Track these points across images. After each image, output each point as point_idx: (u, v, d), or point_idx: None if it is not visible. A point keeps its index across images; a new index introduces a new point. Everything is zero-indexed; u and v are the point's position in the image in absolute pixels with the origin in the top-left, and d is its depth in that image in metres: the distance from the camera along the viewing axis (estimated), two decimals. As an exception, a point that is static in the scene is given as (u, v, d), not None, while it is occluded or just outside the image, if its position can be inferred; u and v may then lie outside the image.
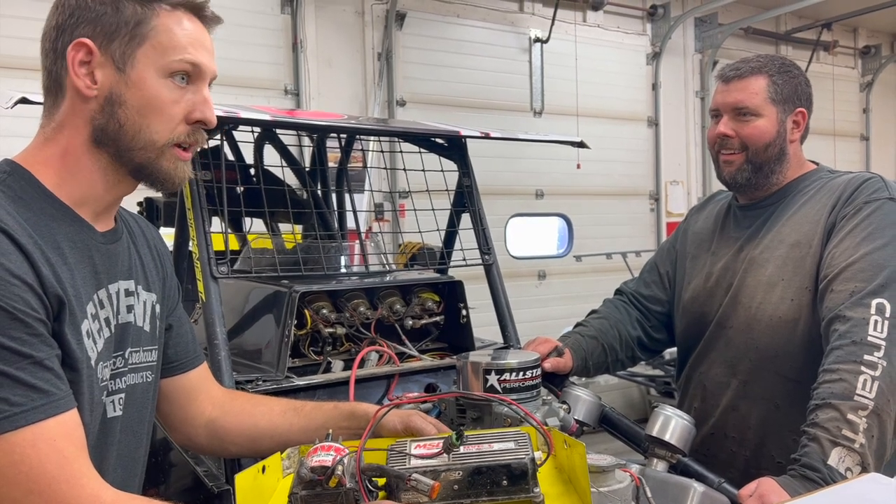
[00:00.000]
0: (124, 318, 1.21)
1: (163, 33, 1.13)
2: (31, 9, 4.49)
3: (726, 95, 1.88)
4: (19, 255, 1.01)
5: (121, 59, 1.12)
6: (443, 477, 1.09)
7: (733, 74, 1.88)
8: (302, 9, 5.87)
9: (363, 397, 1.79)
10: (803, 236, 1.80)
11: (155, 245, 1.38)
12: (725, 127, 1.87)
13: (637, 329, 2.12)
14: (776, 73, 1.85)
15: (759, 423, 1.84)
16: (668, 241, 2.25)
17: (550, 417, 1.56)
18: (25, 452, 0.97)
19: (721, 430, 1.90)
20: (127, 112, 1.13)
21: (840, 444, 1.47)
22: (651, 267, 2.22)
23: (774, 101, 1.85)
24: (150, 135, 1.14)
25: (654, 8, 7.84)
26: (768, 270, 1.83)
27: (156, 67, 1.13)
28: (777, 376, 1.80)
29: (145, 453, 1.34)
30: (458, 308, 2.10)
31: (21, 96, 1.46)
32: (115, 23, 1.11)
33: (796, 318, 1.77)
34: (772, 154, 1.86)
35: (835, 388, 1.52)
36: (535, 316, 6.20)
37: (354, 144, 2.65)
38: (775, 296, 1.81)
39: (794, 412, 1.73)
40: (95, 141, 1.14)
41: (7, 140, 1.15)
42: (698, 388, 1.98)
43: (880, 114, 9.75)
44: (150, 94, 1.13)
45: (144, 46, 1.12)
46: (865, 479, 1.09)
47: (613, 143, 7.38)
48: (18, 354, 0.98)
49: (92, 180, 1.15)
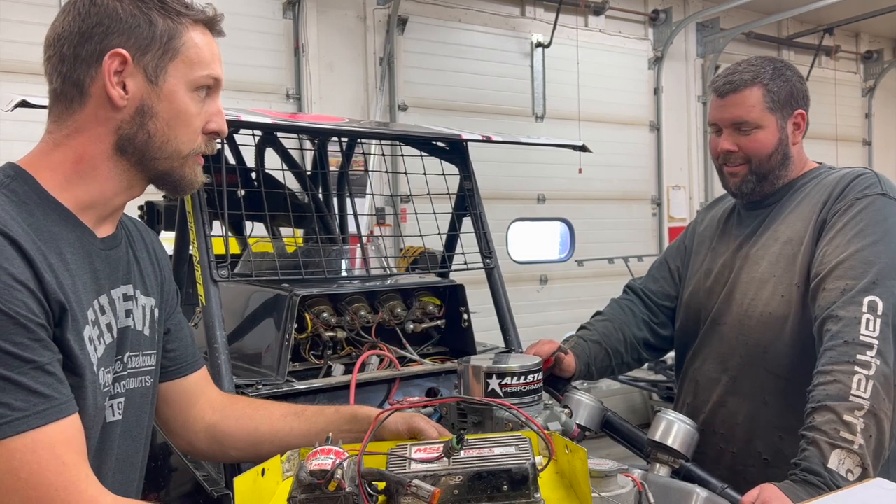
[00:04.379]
0: (123, 322, 1.21)
1: (191, 48, 1.17)
2: (30, 13, 4.51)
3: (724, 111, 1.87)
4: (22, 261, 1.01)
5: (153, 72, 1.14)
6: (443, 481, 1.08)
7: (728, 89, 1.86)
8: (304, 13, 5.88)
9: (364, 401, 1.78)
10: (795, 233, 1.80)
11: (153, 249, 1.38)
12: (727, 143, 1.87)
13: (643, 330, 2.11)
14: (770, 80, 1.84)
15: (746, 420, 1.83)
16: (679, 238, 2.25)
17: (552, 422, 1.55)
18: (25, 459, 0.96)
19: (710, 427, 1.89)
20: (157, 123, 1.16)
21: (839, 446, 1.45)
22: (661, 263, 2.22)
23: (772, 110, 1.84)
24: (177, 145, 1.18)
25: (655, 13, 7.85)
26: (761, 267, 1.84)
27: (185, 81, 1.17)
28: (766, 373, 1.80)
29: (144, 458, 1.33)
30: (460, 312, 2.09)
31: (21, 99, 1.46)
32: (149, 36, 1.13)
33: (786, 315, 1.76)
34: (775, 162, 1.86)
35: (830, 389, 1.51)
36: (536, 321, 6.19)
37: (356, 148, 2.64)
38: (766, 292, 1.81)
39: (782, 409, 1.75)
40: (120, 149, 1.15)
41: (7, 144, 1.15)
42: (691, 384, 1.99)
43: (882, 118, 9.75)
44: (179, 106, 1.17)
45: (176, 61, 1.16)
46: (870, 485, 1.08)
47: (615, 148, 7.38)
48: (20, 359, 0.98)
49: (104, 186, 1.16)
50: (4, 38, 4.71)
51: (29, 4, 4.59)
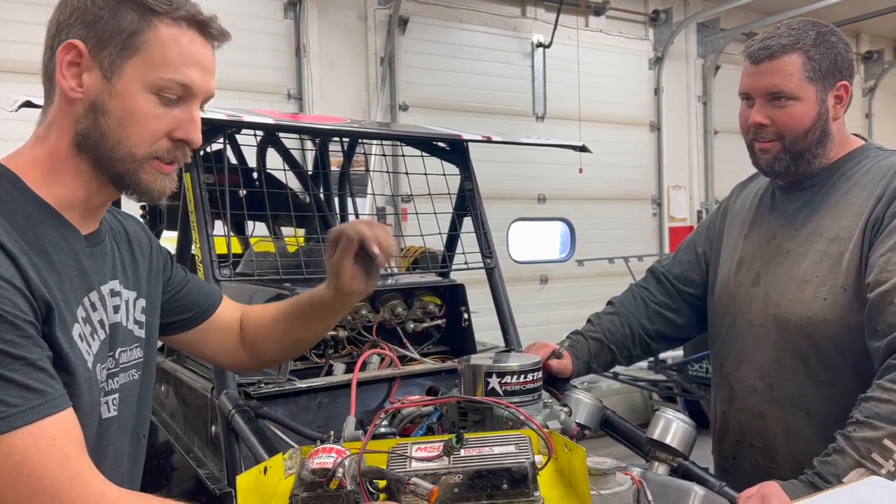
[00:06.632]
0: (112, 318, 1.22)
1: (156, 48, 1.11)
2: (31, 13, 4.52)
3: (757, 79, 1.66)
4: (6, 259, 1.01)
5: (109, 68, 1.10)
6: (443, 480, 1.09)
7: (763, 54, 1.65)
8: (305, 13, 5.89)
9: (365, 400, 1.79)
10: (843, 230, 1.62)
11: (134, 234, 1.36)
12: (759, 115, 1.67)
13: (655, 322, 2.00)
14: (812, 47, 1.63)
15: (785, 432, 1.70)
16: (709, 217, 2.07)
17: (551, 420, 1.56)
18: (27, 452, 0.96)
19: (746, 438, 1.79)
20: (108, 121, 1.11)
21: (865, 465, 1.39)
22: (688, 245, 2.05)
23: (812, 80, 1.63)
24: (130, 147, 1.12)
25: (656, 13, 7.86)
26: (803, 265, 1.67)
27: (142, 81, 1.10)
28: (808, 380, 1.66)
29: (142, 453, 1.34)
30: (460, 311, 2.10)
31: (25, 100, 1.47)
32: (109, 30, 1.10)
33: (829, 319, 1.61)
34: (812, 139, 1.65)
35: (882, 409, 1.42)
36: (537, 320, 6.20)
37: (357, 148, 2.65)
38: (807, 294, 1.64)
39: (826, 419, 1.61)
40: (78, 145, 1.13)
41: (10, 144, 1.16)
42: (725, 390, 1.85)
43: (883, 119, 9.75)
44: (131, 106, 1.11)
45: (134, 59, 1.10)
46: (866, 483, 1.09)
47: (616, 148, 7.39)
48: (11, 356, 0.98)
49: (75, 185, 1.14)
50: (7, 39, 4.72)
51: (30, 4, 4.60)
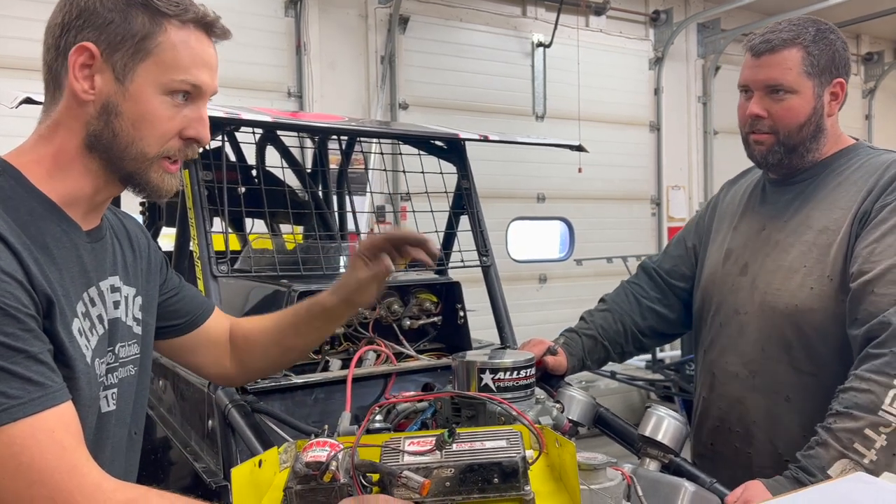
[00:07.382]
0: (112, 313, 1.23)
1: (168, 51, 1.13)
2: (30, 9, 4.53)
3: (757, 72, 1.72)
4: (8, 253, 1.03)
5: (122, 71, 1.12)
6: (435, 474, 1.10)
7: (764, 48, 1.70)
8: (305, 12, 5.90)
9: (360, 396, 1.81)
10: (832, 222, 1.66)
11: (134, 233, 1.38)
12: (757, 107, 1.72)
13: (647, 318, 2.04)
14: (811, 43, 1.69)
15: (766, 418, 1.74)
16: (698, 213, 2.12)
17: (543, 416, 1.57)
18: (26, 444, 0.98)
19: (725, 424, 1.82)
20: (122, 123, 1.13)
21: (848, 456, 1.41)
22: (678, 240, 2.10)
23: (810, 75, 1.68)
24: (143, 147, 1.15)
25: (656, 13, 7.87)
26: (791, 255, 1.71)
27: (156, 84, 1.13)
28: (790, 368, 1.70)
29: (136, 450, 1.35)
30: (456, 309, 2.12)
31: (25, 96, 1.48)
32: (121, 33, 1.11)
33: (814, 308, 1.65)
34: (806, 134, 1.71)
35: (861, 398, 1.44)
36: (535, 319, 6.21)
37: (356, 146, 2.67)
38: (794, 283, 1.69)
39: (805, 406, 1.65)
40: (88, 146, 1.15)
41: (10, 140, 1.17)
42: (707, 376, 1.89)
43: (883, 120, 9.75)
44: (145, 108, 1.14)
45: (147, 62, 1.13)
46: (850, 479, 1.10)
47: (615, 148, 7.40)
48: (13, 349, 1.00)
49: (82, 182, 1.16)
50: (5, 35, 4.73)
51: (29, 0, 4.60)
